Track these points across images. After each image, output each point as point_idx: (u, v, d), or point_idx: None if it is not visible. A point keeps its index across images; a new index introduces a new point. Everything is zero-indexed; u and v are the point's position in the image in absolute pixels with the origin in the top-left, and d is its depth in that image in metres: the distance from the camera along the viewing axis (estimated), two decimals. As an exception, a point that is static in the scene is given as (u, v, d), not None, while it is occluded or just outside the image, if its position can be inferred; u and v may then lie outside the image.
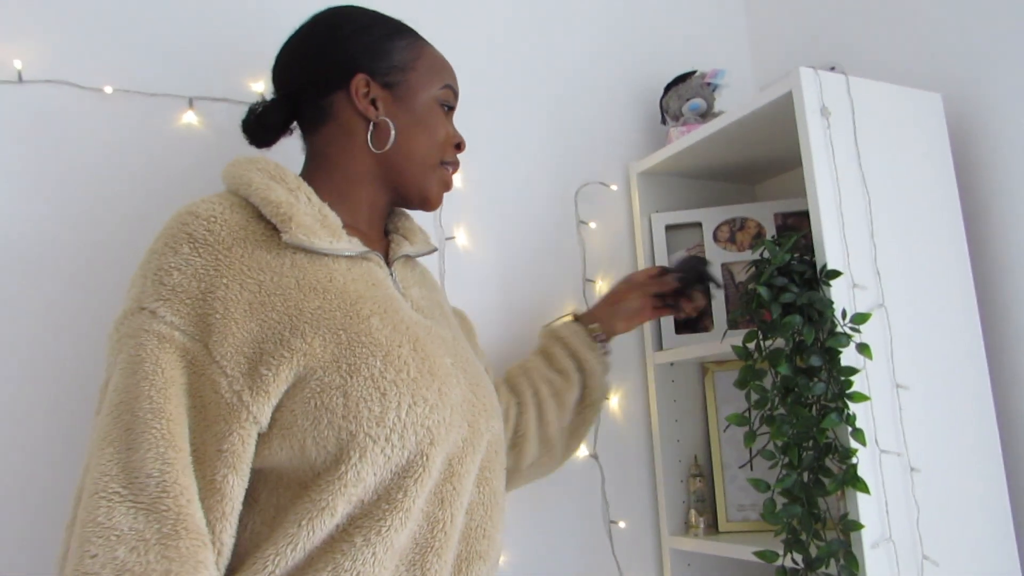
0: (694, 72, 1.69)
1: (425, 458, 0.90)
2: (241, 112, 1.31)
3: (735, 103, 1.78)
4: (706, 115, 1.66)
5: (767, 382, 1.23)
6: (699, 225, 1.64)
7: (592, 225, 1.65)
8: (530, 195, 1.60)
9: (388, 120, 1.03)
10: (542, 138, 1.64)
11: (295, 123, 1.10)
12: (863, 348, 1.18)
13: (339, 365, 0.86)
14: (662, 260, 1.64)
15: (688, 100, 1.66)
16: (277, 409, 0.85)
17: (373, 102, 1.04)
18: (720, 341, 1.36)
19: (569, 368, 1.34)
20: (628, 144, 1.74)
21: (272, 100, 1.09)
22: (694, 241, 1.65)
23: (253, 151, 1.29)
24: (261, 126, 1.08)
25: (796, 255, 1.26)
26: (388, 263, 1.07)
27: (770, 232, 1.60)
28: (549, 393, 1.32)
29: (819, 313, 1.20)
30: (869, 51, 1.63)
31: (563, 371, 1.34)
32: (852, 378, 1.16)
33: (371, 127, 1.03)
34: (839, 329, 1.20)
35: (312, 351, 0.85)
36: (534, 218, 1.60)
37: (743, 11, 2.00)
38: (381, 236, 1.11)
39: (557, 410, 1.31)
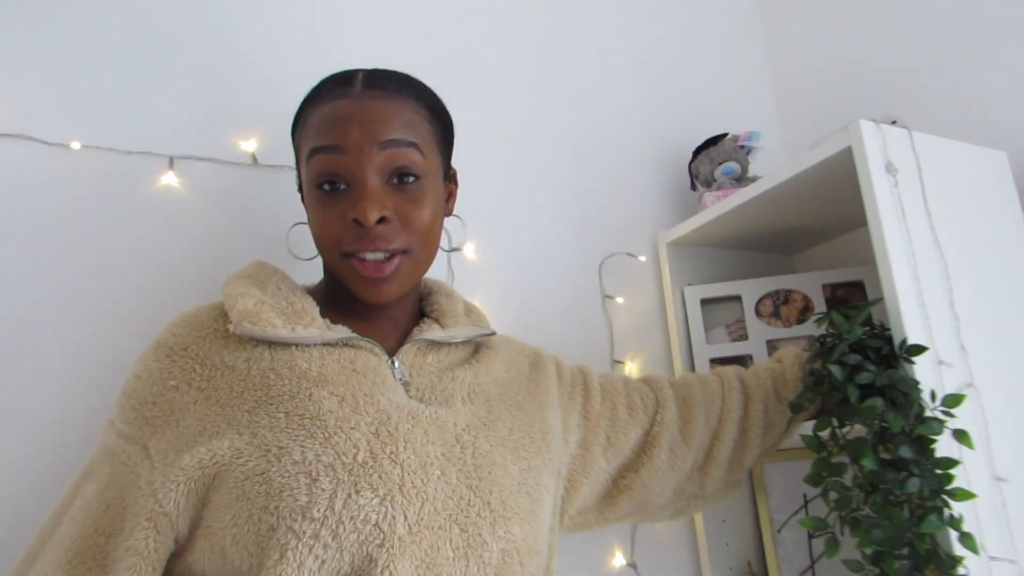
0: (726, 134, 1.56)
1: (375, 565, 0.73)
2: (228, 175, 1.17)
3: (766, 167, 1.65)
4: (741, 179, 1.52)
5: (847, 478, 1.04)
6: (738, 299, 1.49)
7: (619, 300, 1.49)
8: (551, 268, 1.44)
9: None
10: (563, 206, 1.50)
11: None
12: (961, 436, 1.01)
13: (267, 448, 0.77)
14: (698, 336, 1.48)
15: (721, 164, 1.53)
16: (202, 508, 0.78)
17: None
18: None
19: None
20: (655, 212, 1.60)
21: None
22: (733, 316, 1.48)
23: (237, 214, 1.14)
24: None
25: (868, 329, 1.10)
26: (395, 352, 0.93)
27: (819, 305, 1.44)
28: (761, 426, 1.15)
29: (904, 395, 1.03)
30: (910, 108, 1.51)
31: (786, 401, 1.16)
32: (952, 471, 0.98)
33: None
34: (928, 413, 1.02)
35: (242, 435, 0.78)
36: (555, 293, 1.43)
37: (768, 74, 1.89)
38: (407, 323, 0.98)
39: (760, 444, 1.15)
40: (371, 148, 0.84)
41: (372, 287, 0.87)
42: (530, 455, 0.94)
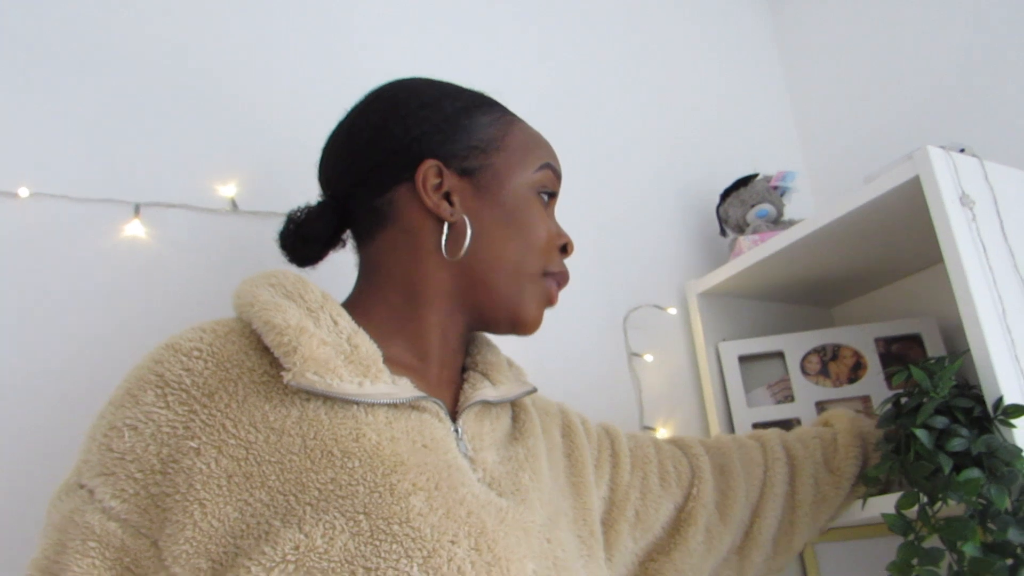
0: (756, 175, 1.42)
1: None
2: (203, 223, 1.02)
3: (796, 210, 1.52)
4: (777, 222, 1.38)
5: (943, 567, 0.87)
6: (780, 355, 1.32)
7: (647, 358, 1.32)
8: (571, 321, 1.28)
9: (466, 218, 0.75)
10: (584, 254, 1.34)
11: (347, 233, 0.83)
12: (1081, 515, 0.84)
13: (352, 570, 0.56)
14: (738, 398, 1.31)
15: (753, 206, 1.39)
16: None
17: (447, 196, 0.76)
18: (862, 507, 1.00)
19: (851, 473, 1.00)
20: (682, 260, 1.45)
21: (317, 204, 0.81)
22: (777, 375, 1.32)
23: (214, 266, 0.99)
24: (302, 238, 0.80)
25: (954, 387, 0.94)
26: (455, 414, 0.75)
27: (871, 362, 1.28)
28: (811, 500, 0.99)
29: (1005, 465, 0.86)
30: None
31: (842, 474, 1.00)
32: (1075, 560, 0.81)
33: (445, 228, 0.75)
34: (1037, 488, 0.86)
35: (312, 547, 0.56)
36: (576, 349, 1.27)
37: (792, 115, 1.77)
38: (455, 376, 0.80)
39: (812, 522, 0.99)
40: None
41: (541, 315, 0.81)
42: (593, 558, 0.78)
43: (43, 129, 0.97)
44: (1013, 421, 0.88)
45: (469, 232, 0.75)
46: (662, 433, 1.28)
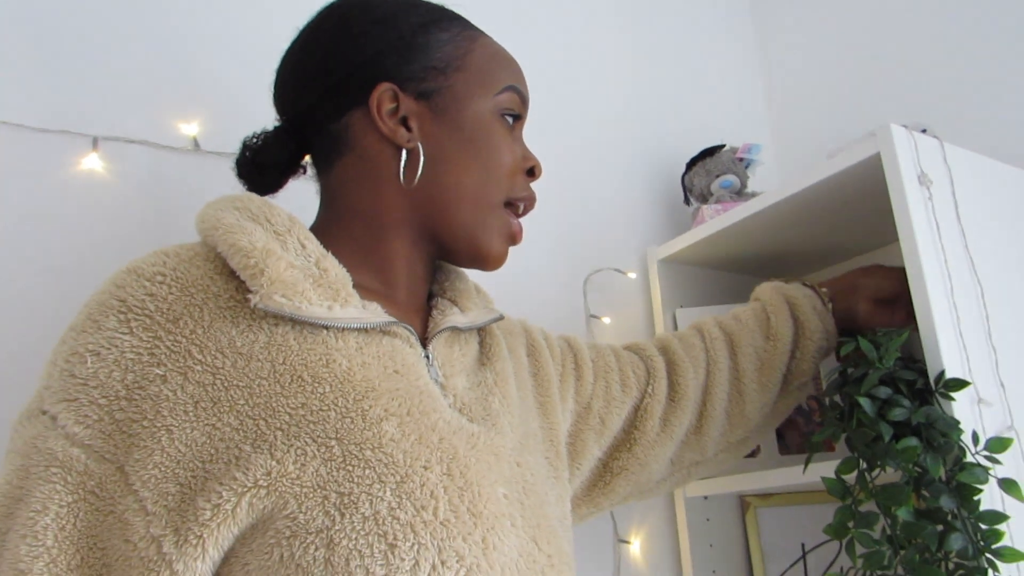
0: (723, 146, 1.44)
1: None
2: (165, 159, 1.00)
3: (761, 182, 1.53)
4: (740, 193, 1.39)
5: (876, 530, 0.90)
6: (735, 324, 1.35)
7: (605, 320, 1.34)
8: (531, 282, 1.29)
9: (421, 144, 0.74)
10: (545, 215, 1.35)
11: (307, 159, 0.81)
12: (1009, 486, 0.88)
13: (325, 495, 0.57)
14: (692, 366, 1.33)
15: (718, 176, 1.40)
16: (224, 565, 0.58)
17: (403, 120, 0.74)
18: (803, 471, 1.03)
19: (786, 337, 1.03)
20: (645, 226, 1.47)
21: (273, 129, 0.80)
22: (730, 343, 1.34)
23: (173, 206, 0.97)
24: (258, 166, 0.79)
25: (899, 359, 0.97)
26: (425, 340, 0.75)
27: (822, 334, 1.31)
28: (754, 367, 1.02)
29: (943, 436, 0.89)
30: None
31: (778, 339, 1.03)
32: (1000, 527, 0.85)
33: (403, 155, 0.73)
34: (970, 459, 0.89)
35: (284, 472, 0.57)
36: (535, 310, 1.27)
37: (762, 87, 1.78)
38: (422, 303, 0.80)
39: (759, 389, 1.02)
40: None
41: (505, 251, 0.80)
42: (560, 479, 0.80)
43: (1, 56, 0.94)
44: (953, 394, 0.91)
45: (422, 159, 0.74)
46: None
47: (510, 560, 0.63)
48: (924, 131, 1.07)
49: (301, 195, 0.83)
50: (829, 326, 1.05)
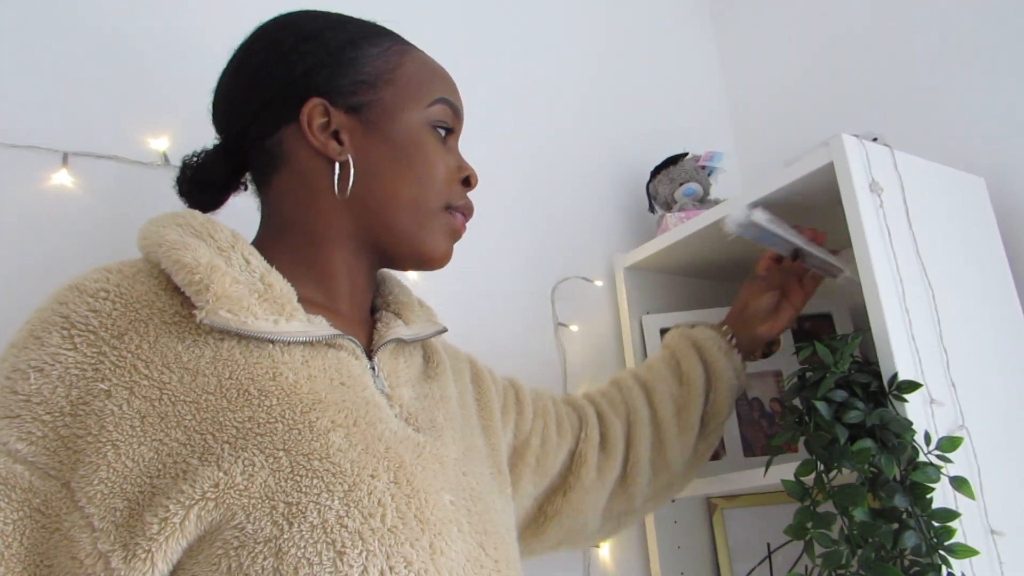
0: (686, 154, 1.47)
1: None
2: (134, 174, 1.01)
3: (723, 190, 1.56)
4: (703, 201, 1.42)
5: (834, 530, 0.93)
6: (700, 329, 1.38)
7: (573, 328, 1.36)
8: (499, 291, 1.31)
9: (351, 157, 0.75)
10: (513, 225, 1.37)
11: (248, 176, 0.82)
12: (960, 483, 0.91)
13: (273, 505, 0.58)
14: (658, 371, 1.36)
15: (682, 184, 1.43)
16: None
17: (335, 134, 0.75)
18: (763, 474, 1.06)
19: (698, 380, 1.07)
20: (611, 234, 1.49)
21: (211, 148, 0.81)
22: (695, 348, 1.37)
23: (143, 220, 0.98)
24: (197, 184, 0.80)
25: (854, 362, 1.00)
26: (370, 352, 0.76)
27: (784, 339, 1.34)
28: (671, 413, 1.07)
29: (896, 437, 0.92)
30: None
31: (691, 383, 1.08)
32: (952, 524, 0.88)
33: (337, 168, 0.74)
34: (923, 458, 0.92)
35: (232, 484, 0.57)
36: (504, 318, 1.30)
37: (725, 95, 1.82)
38: (366, 315, 0.81)
39: (679, 434, 1.06)
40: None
41: (451, 247, 0.82)
42: (504, 494, 0.82)
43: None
44: (906, 396, 0.94)
45: (353, 171, 0.75)
46: (584, 401, 1.33)
47: (457, 565, 0.65)
48: (875, 139, 1.10)
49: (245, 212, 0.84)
50: (736, 364, 1.11)
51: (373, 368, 0.73)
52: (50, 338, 0.60)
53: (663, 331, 1.38)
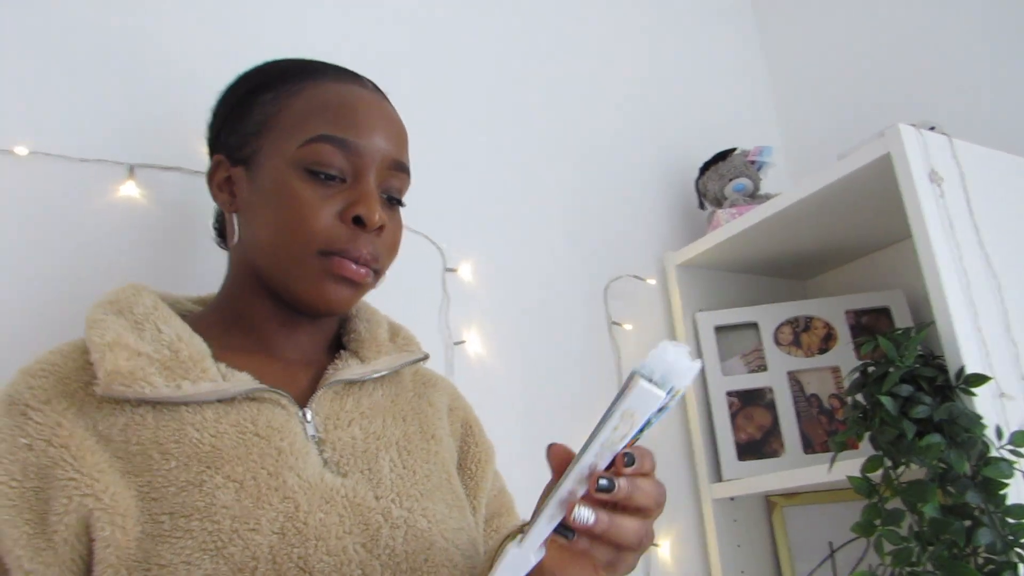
0: (734, 149, 1.46)
1: None
2: (198, 184, 1.03)
3: (772, 184, 1.55)
4: (753, 196, 1.41)
5: (904, 527, 0.92)
6: (755, 326, 1.37)
7: (627, 327, 1.36)
8: (553, 292, 1.31)
9: (239, 208, 0.77)
10: (565, 226, 1.37)
11: None
12: (1034, 478, 0.89)
13: (147, 567, 0.60)
14: (713, 366, 1.35)
15: (731, 180, 1.42)
16: None
17: (233, 189, 0.78)
18: (828, 470, 1.05)
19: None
20: (661, 232, 1.49)
21: None
22: (750, 345, 1.36)
23: (206, 227, 1.00)
24: (217, 228, 0.88)
25: (919, 356, 0.98)
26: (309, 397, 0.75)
27: (842, 333, 1.33)
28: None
29: (965, 432, 0.91)
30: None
31: None
32: (1026, 520, 0.86)
33: (233, 219, 0.78)
34: (995, 453, 0.91)
35: (118, 542, 0.61)
36: (558, 319, 1.30)
37: (771, 89, 1.80)
38: (318, 356, 0.81)
39: None
40: (387, 161, 0.76)
41: (343, 290, 0.74)
42: (475, 536, 0.78)
43: (42, 89, 0.97)
44: (974, 389, 0.93)
45: (235, 220, 0.77)
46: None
47: None
48: (933, 128, 1.09)
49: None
50: None
51: (303, 415, 0.72)
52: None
53: (717, 328, 1.38)
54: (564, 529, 0.52)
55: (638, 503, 0.53)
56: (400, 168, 0.78)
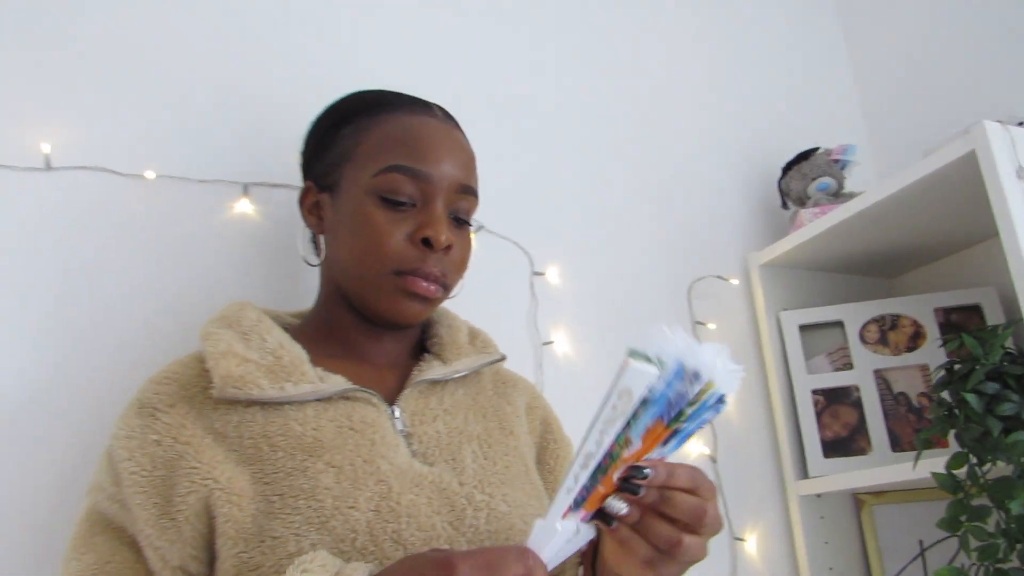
0: (817, 149, 1.46)
1: None
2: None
3: (857, 182, 1.54)
4: (837, 195, 1.42)
5: (990, 523, 0.92)
6: (840, 325, 1.38)
7: (711, 326, 1.39)
8: (638, 292, 1.35)
9: (325, 230, 0.88)
10: (649, 226, 1.41)
11: None
12: (1125, 476, 0.88)
13: (262, 539, 0.69)
14: (798, 365, 1.37)
15: (815, 179, 1.43)
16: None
17: (321, 212, 0.88)
18: (913, 467, 1.06)
19: None
20: (744, 232, 1.51)
21: None
22: (835, 344, 1.37)
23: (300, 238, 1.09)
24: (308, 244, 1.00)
25: (1006, 353, 0.98)
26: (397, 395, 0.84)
27: (930, 331, 1.32)
28: None
29: (1054, 429, 0.91)
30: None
31: None
32: (1118, 518, 0.86)
33: (321, 241, 0.88)
34: (1083, 450, 0.90)
35: (240, 518, 0.71)
36: (643, 318, 1.34)
37: (855, 87, 1.79)
38: (405, 359, 0.89)
39: None
40: (454, 186, 0.84)
41: (415, 305, 0.82)
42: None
43: (163, 115, 1.08)
44: (1062, 387, 0.93)
45: (322, 241, 0.87)
46: (728, 397, 1.35)
47: None
48: (1021, 124, 1.08)
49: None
50: None
51: (392, 412, 0.80)
52: (128, 414, 0.77)
53: (801, 327, 1.39)
54: (604, 516, 0.58)
55: (670, 513, 0.59)
56: (467, 191, 0.85)
